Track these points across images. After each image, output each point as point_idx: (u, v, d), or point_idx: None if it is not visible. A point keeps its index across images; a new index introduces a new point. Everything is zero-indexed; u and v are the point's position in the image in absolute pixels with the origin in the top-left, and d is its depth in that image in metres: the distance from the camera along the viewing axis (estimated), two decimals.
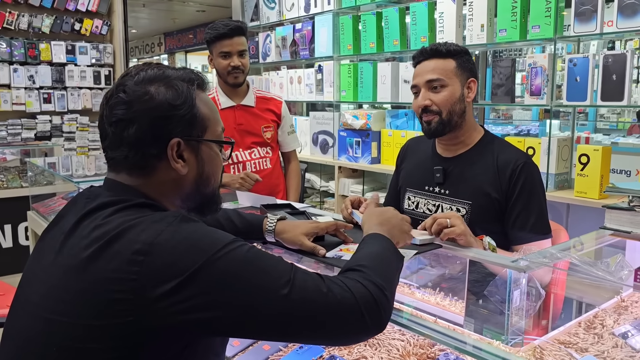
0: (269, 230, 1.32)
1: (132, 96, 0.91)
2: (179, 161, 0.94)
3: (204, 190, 1.00)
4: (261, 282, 0.82)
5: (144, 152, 0.92)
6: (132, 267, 0.79)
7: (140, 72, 0.95)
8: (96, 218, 0.86)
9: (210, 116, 0.99)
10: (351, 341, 0.92)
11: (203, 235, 0.84)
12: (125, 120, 0.91)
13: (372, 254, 0.98)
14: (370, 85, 3.27)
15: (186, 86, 0.95)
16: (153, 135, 0.91)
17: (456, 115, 1.61)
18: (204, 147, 0.97)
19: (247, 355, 1.44)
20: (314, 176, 3.92)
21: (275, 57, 4.04)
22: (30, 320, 0.86)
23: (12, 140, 4.61)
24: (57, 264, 0.86)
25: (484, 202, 1.61)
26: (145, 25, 12.13)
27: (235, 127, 2.35)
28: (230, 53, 2.26)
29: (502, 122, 5.76)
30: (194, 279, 0.78)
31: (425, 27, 2.88)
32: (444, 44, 1.64)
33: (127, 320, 0.78)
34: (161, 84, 0.93)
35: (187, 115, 0.93)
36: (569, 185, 2.48)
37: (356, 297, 0.84)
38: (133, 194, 0.93)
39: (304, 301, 0.82)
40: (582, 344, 1.18)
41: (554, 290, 1.41)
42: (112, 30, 5.09)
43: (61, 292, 0.83)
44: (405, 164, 1.86)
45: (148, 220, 0.84)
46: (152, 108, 0.91)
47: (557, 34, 2.33)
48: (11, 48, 4.56)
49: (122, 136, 0.91)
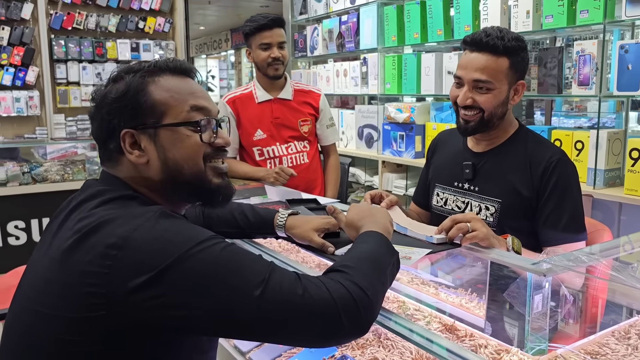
0: (280, 226, 1.31)
1: (96, 95, 0.98)
2: (132, 151, 0.94)
3: (178, 177, 0.96)
4: (233, 282, 0.80)
5: (106, 147, 0.96)
6: (106, 260, 0.79)
7: (112, 74, 1.00)
8: (82, 210, 0.88)
9: (168, 99, 0.95)
10: (330, 343, 0.88)
11: (178, 231, 0.84)
12: (91, 118, 0.98)
13: (360, 255, 0.95)
14: (415, 77, 3.19)
15: (131, 76, 0.95)
16: (106, 130, 0.95)
17: (497, 117, 1.52)
18: (162, 133, 0.94)
19: (261, 351, 1.45)
20: (359, 170, 3.88)
21: (322, 50, 4.03)
22: (20, 311, 0.89)
23: (81, 135, 4.91)
24: (46, 255, 0.88)
25: (514, 201, 1.53)
26: (212, 22, 12.49)
27: (272, 120, 2.36)
28: (270, 44, 2.27)
29: (575, 115, 5.45)
30: (164, 276, 0.78)
31: (469, 15, 2.76)
32: (502, 37, 1.47)
33: (101, 314, 0.79)
34: (116, 80, 0.97)
35: (130, 105, 0.93)
36: (621, 182, 2.30)
37: (334, 297, 0.82)
38: (120, 185, 0.95)
39: (277, 302, 0.80)
40: (611, 355, 1.10)
41: (586, 296, 1.32)
42: (174, 27, 5.28)
43: (45, 284, 0.85)
44: (435, 158, 1.80)
45: (128, 215, 0.85)
46: (100, 103, 0.96)
47: (607, 19, 2.16)
48: (80, 47, 4.84)
49: (93, 133, 0.99)
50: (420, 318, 1.34)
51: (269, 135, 2.36)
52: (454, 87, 1.56)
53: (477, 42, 1.49)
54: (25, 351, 0.86)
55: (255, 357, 1.44)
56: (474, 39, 1.50)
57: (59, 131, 4.71)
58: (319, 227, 1.27)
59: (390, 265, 0.97)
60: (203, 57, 15.63)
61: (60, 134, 4.68)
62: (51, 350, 0.83)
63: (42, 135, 4.53)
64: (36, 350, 0.84)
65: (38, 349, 0.84)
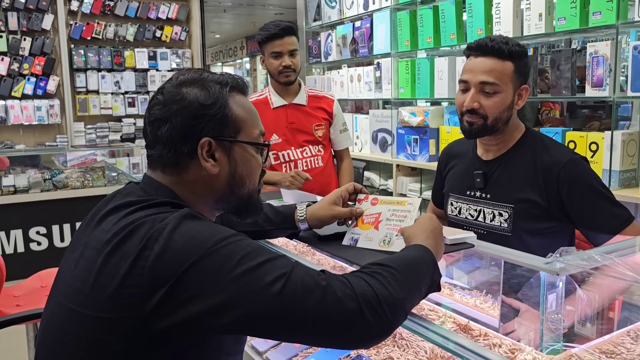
0: (301, 219, 1.30)
1: (167, 97, 0.96)
2: (209, 160, 0.96)
3: (237, 191, 1.01)
4: (254, 277, 0.80)
5: (176, 150, 0.95)
6: (140, 262, 0.81)
7: (179, 77, 0.99)
8: (120, 214, 0.90)
9: (245, 118, 1.00)
10: (352, 343, 0.84)
11: (202, 229, 0.85)
12: (160, 119, 0.96)
13: (394, 258, 0.92)
14: (428, 81, 3.21)
15: (219, 87, 0.97)
16: (184, 134, 0.95)
17: (501, 122, 1.53)
18: (236, 148, 0.99)
19: (277, 351, 1.47)
20: (374, 174, 3.90)
21: (336, 56, 4.06)
22: (56, 308, 0.92)
23: (100, 142, 5.01)
24: (83, 256, 0.90)
25: (526, 205, 1.53)
26: (227, 30, 12.62)
27: (287, 125, 2.39)
28: (281, 53, 2.31)
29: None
30: (190, 271, 0.80)
31: (481, 19, 2.78)
32: (506, 41, 1.49)
33: (134, 314, 0.80)
34: (195, 85, 0.97)
35: (217, 115, 0.96)
36: (637, 183, 2.29)
37: (357, 293, 0.80)
38: (164, 192, 0.96)
39: (298, 296, 0.79)
40: (627, 354, 1.10)
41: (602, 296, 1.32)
42: (190, 35, 5.36)
43: (80, 283, 0.87)
44: (447, 170, 1.81)
45: (158, 219, 0.86)
46: (184, 107, 0.95)
47: (620, 20, 2.16)
48: (99, 56, 4.94)
49: (157, 135, 0.96)
50: (435, 318, 1.35)
51: (285, 139, 2.40)
52: (460, 93, 1.57)
53: (483, 46, 1.50)
54: (60, 348, 0.88)
55: (272, 357, 1.47)
56: (479, 44, 1.52)
57: (78, 139, 4.81)
58: (335, 199, 1.28)
59: (428, 281, 0.94)
60: (219, 65, 15.80)
61: (80, 141, 4.78)
62: (84, 348, 0.85)
63: (63, 143, 4.63)
64: (70, 347, 0.86)
65: (72, 347, 0.86)
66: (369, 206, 1.30)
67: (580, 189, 1.48)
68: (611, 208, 1.47)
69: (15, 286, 2.35)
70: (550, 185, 1.50)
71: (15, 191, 3.76)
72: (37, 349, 0.95)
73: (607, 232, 1.46)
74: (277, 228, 1.35)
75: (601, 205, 1.47)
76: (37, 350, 0.94)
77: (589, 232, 1.51)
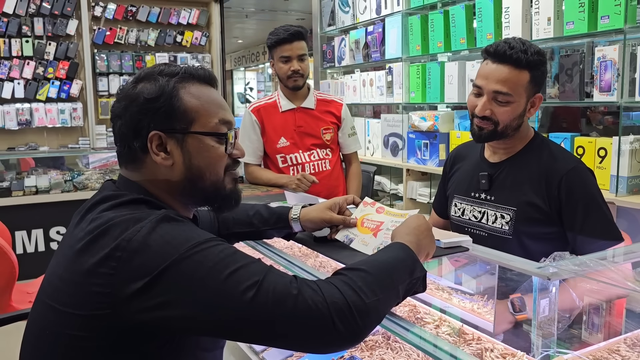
0: (295, 218, 1.30)
1: (122, 94, 0.98)
2: (159, 153, 0.95)
3: (198, 183, 0.98)
4: (226, 284, 0.80)
5: (129, 145, 0.96)
6: (111, 262, 0.82)
7: (140, 73, 0.99)
8: (95, 212, 0.92)
9: (199, 108, 0.97)
10: (322, 349, 0.84)
11: (178, 234, 0.85)
12: (116, 116, 0.97)
13: (368, 260, 0.92)
14: (438, 85, 3.21)
15: (167, 79, 0.96)
16: (134, 129, 0.95)
17: (511, 129, 1.53)
18: (189, 140, 0.96)
19: (274, 350, 1.47)
20: (384, 179, 3.90)
21: (349, 61, 4.08)
22: (38, 305, 0.94)
23: None
24: (62, 254, 0.92)
25: (528, 209, 1.54)
26: (250, 36, 12.74)
27: (295, 128, 2.42)
28: (290, 57, 2.33)
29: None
30: (162, 277, 0.80)
31: (491, 24, 2.77)
32: (525, 50, 1.45)
33: (105, 312, 0.81)
34: (146, 80, 0.97)
35: (163, 108, 0.94)
36: None
37: (327, 301, 0.80)
38: (133, 188, 0.97)
39: (270, 304, 0.79)
40: None
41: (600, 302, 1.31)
42: (210, 40, 5.44)
43: (59, 282, 0.88)
44: (453, 171, 1.82)
45: (133, 219, 0.86)
46: (131, 102, 0.95)
47: (629, 24, 2.13)
48: (121, 61, 5.05)
49: (115, 131, 0.98)
50: (430, 321, 1.35)
51: (292, 143, 2.42)
52: (472, 96, 1.56)
53: (501, 54, 1.47)
54: (42, 344, 0.91)
55: (268, 357, 1.49)
56: (497, 50, 1.48)
57: (100, 141, 4.92)
58: (331, 205, 1.29)
59: (407, 278, 0.92)
60: (241, 70, 15.94)
61: (102, 144, 4.89)
62: (64, 344, 0.86)
63: (85, 145, 4.74)
64: (51, 343, 0.88)
65: (52, 343, 0.88)
66: (373, 212, 1.30)
67: (578, 196, 1.48)
68: (604, 223, 1.47)
69: (29, 283, 2.44)
70: (552, 191, 1.50)
71: (37, 191, 3.88)
72: (21, 346, 0.96)
73: (594, 244, 1.44)
74: (272, 228, 1.34)
75: (595, 217, 1.47)
76: (22, 347, 0.96)
77: (576, 239, 1.49)
